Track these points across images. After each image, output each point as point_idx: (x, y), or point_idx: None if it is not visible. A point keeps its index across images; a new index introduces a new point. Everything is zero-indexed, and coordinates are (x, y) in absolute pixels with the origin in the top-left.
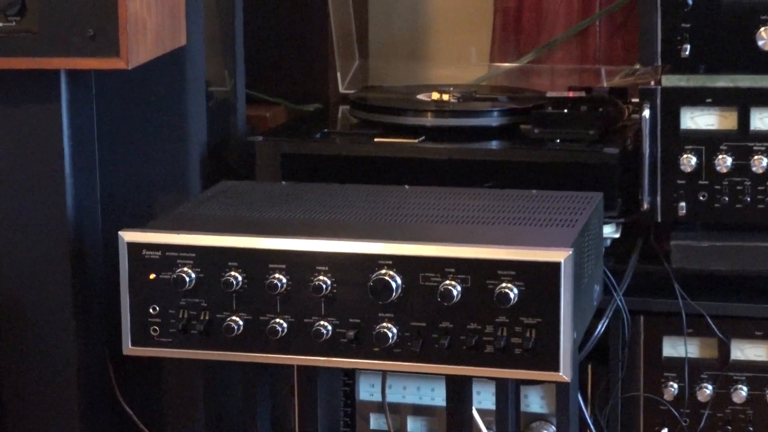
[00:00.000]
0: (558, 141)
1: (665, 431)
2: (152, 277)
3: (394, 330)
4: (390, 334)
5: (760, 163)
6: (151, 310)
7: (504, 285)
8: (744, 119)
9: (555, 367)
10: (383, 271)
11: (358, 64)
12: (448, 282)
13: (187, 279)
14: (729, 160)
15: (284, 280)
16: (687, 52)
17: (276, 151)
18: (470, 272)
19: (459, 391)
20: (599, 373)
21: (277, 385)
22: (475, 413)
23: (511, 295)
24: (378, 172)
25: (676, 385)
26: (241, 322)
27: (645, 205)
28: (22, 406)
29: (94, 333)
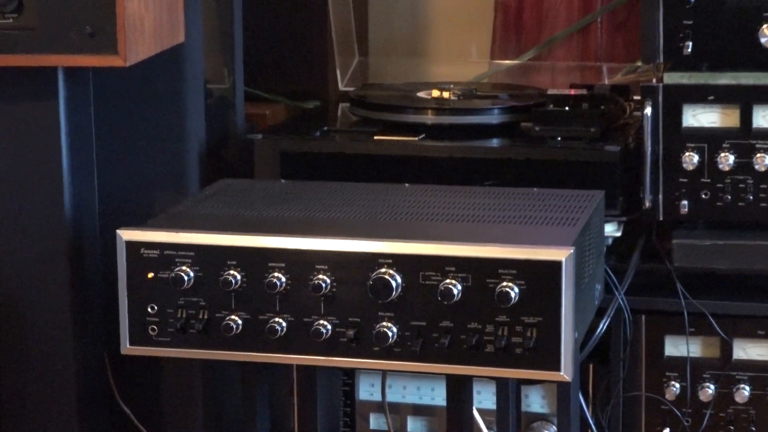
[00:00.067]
0: (559, 139)
1: (667, 431)
2: (151, 276)
3: (394, 329)
4: (390, 334)
5: (763, 161)
6: (149, 310)
7: (505, 284)
8: (746, 117)
9: (556, 366)
10: (383, 270)
11: (358, 62)
12: (448, 281)
13: (185, 278)
14: (731, 158)
15: (283, 279)
16: (689, 50)
17: (275, 149)
18: (471, 271)
19: (459, 390)
20: (600, 372)
21: (276, 384)
22: (475, 413)
23: (512, 294)
24: (378, 170)
25: (678, 385)
26: (240, 322)
27: (647, 204)
28: (20, 406)
29: (92, 332)
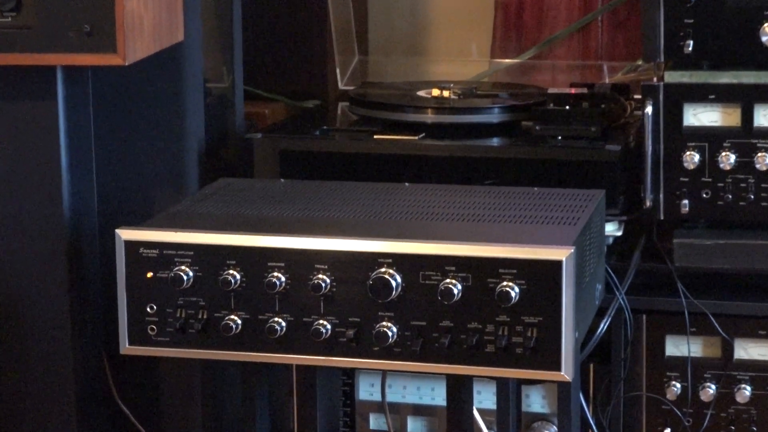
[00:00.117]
0: (559, 138)
1: (668, 431)
2: (150, 275)
3: (394, 329)
4: (390, 334)
5: (764, 160)
6: (148, 309)
7: (505, 283)
8: (747, 116)
9: (556, 366)
10: (383, 270)
11: (358, 60)
12: (448, 280)
13: (184, 277)
14: (732, 157)
15: (283, 279)
16: (690, 48)
17: (275, 149)
18: (471, 271)
19: (459, 390)
20: (601, 372)
21: (275, 384)
22: (475, 413)
23: (512, 294)
24: (378, 170)
25: (678, 385)
26: (239, 321)
27: (647, 203)
28: (19, 406)
29: (91, 332)
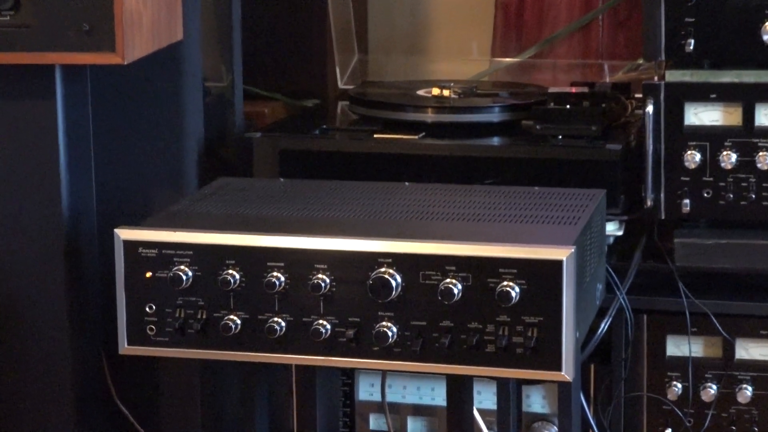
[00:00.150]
0: (560, 137)
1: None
2: (148, 275)
3: (394, 329)
4: (390, 334)
5: (765, 159)
6: (147, 309)
7: (505, 283)
8: (749, 115)
9: (557, 366)
10: (383, 270)
11: (358, 59)
12: (448, 280)
13: (183, 277)
14: (734, 157)
15: (282, 279)
16: (691, 47)
17: (274, 148)
18: (471, 270)
19: (460, 390)
20: (602, 372)
21: (275, 384)
22: (475, 413)
23: (513, 294)
24: (377, 169)
25: (679, 385)
26: (238, 321)
27: (648, 202)
28: (17, 406)
29: (89, 332)
